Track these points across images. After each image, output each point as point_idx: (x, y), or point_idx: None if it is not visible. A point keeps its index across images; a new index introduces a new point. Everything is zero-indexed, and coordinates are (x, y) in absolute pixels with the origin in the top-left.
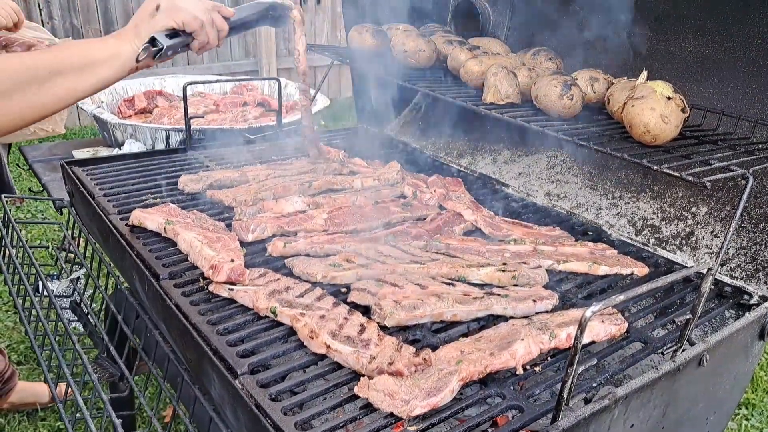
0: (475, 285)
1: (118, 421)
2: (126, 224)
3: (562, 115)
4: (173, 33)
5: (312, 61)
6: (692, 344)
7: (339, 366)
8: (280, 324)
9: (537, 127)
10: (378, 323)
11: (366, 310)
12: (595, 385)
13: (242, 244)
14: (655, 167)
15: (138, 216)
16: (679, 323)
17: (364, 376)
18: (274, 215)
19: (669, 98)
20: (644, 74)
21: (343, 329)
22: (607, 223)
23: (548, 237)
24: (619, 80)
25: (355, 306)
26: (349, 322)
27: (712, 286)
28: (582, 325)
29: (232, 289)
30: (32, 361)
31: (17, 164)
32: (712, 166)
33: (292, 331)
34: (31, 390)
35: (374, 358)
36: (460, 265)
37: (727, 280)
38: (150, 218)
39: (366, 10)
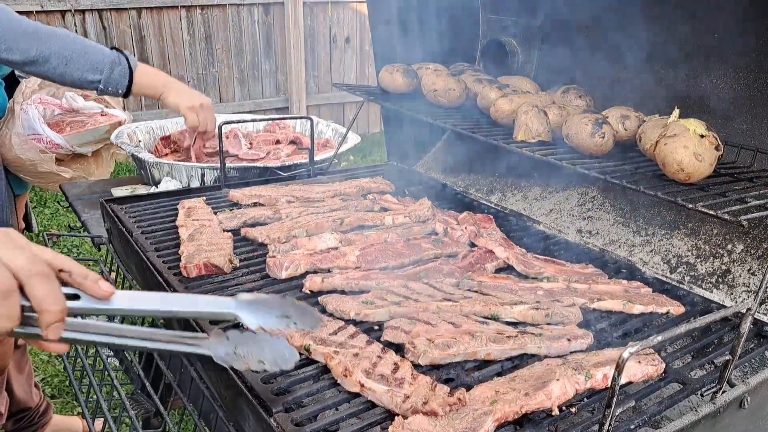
0: (508, 323)
1: None
2: (163, 261)
3: (593, 153)
4: None
5: (342, 98)
6: (732, 386)
7: (372, 405)
8: (313, 362)
9: (569, 166)
10: (412, 362)
11: (399, 348)
12: (632, 427)
13: (276, 281)
14: (690, 206)
15: None
16: (718, 364)
17: (398, 415)
18: (307, 252)
19: (702, 136)
20: (676, 112)
21: (377, 367)
22: (640, 261)
23: (581, 275)
24: (650, 118)
25: (388, 344)
26: (383, 360)
27: (751, 326)
28: (620, 366)
29: None
30: (65, 395)
31: (57, 201)
32: (749, 204)
33: (325, 369)
34: (64, 424)
35: (408, 397)
36: (493, 303)
37: (766, 319)
38: None
39: (396, 50)
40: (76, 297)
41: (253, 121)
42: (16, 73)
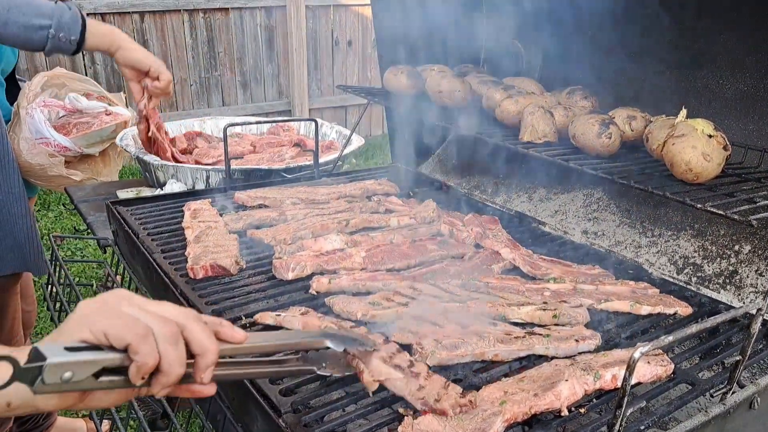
0: (515, 324)
1: None
2: (170, 263)
3: (600, 154)
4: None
5: (344, 101)
6: (742, 386)
7: (380, 406)
8: None
9: (576, 166)
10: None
11: (406, 349)
12: (642, 428)
13: (282, 282)
14: (699, 206)
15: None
16: (727, 365)
17: (407, 415)
18: (313, 253)
19: (710, 136)
20: (683, 112)
21: (394, 359)
22: (647, 262)
23: (588, 275)
24: (656, 118)
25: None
26: (399, 356)
27: (761, 327)
28: (631, 366)
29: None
30: None
31: (62, 204)
32: (757, 204)
33: None
34: (69, 426)
35: (423, 387)
36: (500, 304)
37: None
38: None
39: (400, 52)
40: None
41: (258, 123)
42: (17, 76)
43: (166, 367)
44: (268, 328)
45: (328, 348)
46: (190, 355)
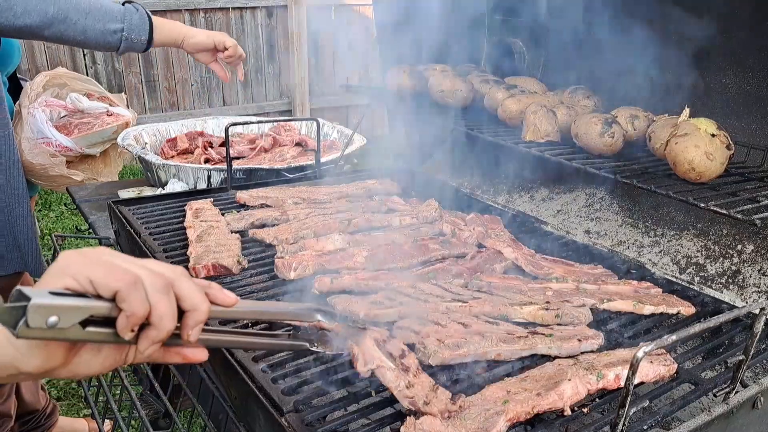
0: (518, 324)
1: None
2: (171, 262)
3: (603, 153)
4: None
5: (345, 100)
6: (745, 386)
7: (381, 406)
8: (321, 361)
9: (579, 165)
10: (421, 361)
11: (409, 349)
12: (645, 427)
13: (284, 282)
14: (702, 205)
15: None
16: (730, 364)
17: (409, 416)
18: (315, 253)
19: (713, 135)
20: (686, 111)
21: (387, 344)
22: (649, 261)
23: (591, 275)
24: (659, 117)
25: None
26: (390, 343)
27: (764, 326)
28: (634, 366)
29: None
30: (71, 397)
31: (64, 204)
32: (761, 203)
33: (334, 370)
34: (70, 426)
35: (412, 386)
36: (503, 304)
37: None
38: None
39: (402, 52)
40: None
41: (259, 122)
42: (19, 75)
43: (156, 319)
44: (270, 327)
45: (319, 323)
46: (179, 314)
